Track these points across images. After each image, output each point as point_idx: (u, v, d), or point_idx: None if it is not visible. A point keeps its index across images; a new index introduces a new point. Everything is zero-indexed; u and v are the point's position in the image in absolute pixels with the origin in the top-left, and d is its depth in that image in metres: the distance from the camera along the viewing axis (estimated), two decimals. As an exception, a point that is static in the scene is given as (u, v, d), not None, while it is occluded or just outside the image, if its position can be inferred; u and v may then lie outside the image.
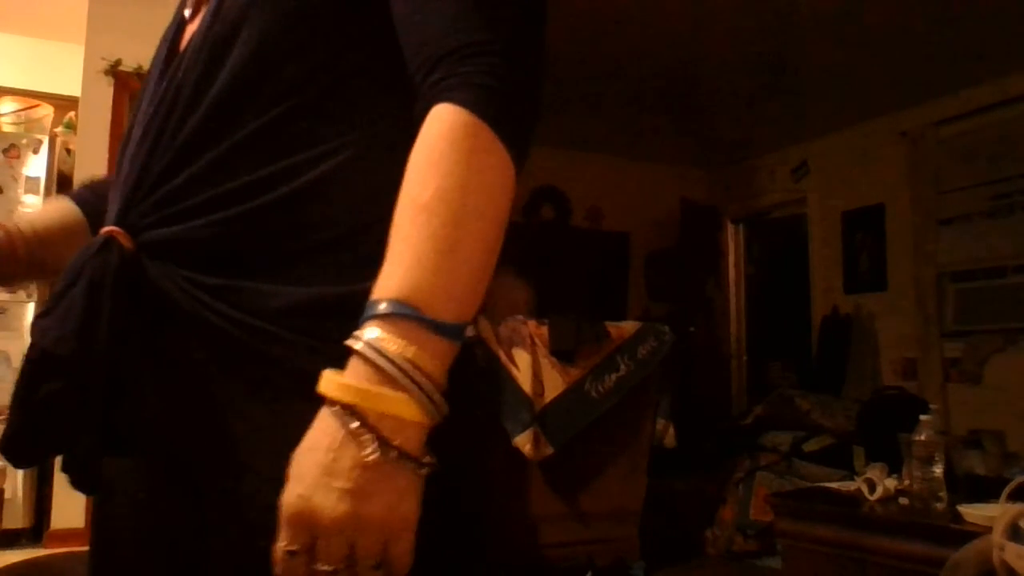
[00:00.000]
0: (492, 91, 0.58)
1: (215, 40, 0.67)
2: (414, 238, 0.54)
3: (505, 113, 0.59)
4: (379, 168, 0.63)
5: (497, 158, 0.58)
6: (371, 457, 0.49)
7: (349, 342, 0.53)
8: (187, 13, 0.76)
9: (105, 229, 0.67)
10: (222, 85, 0.65)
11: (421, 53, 0.62)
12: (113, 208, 0.70)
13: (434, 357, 0.52)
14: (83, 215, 0.87)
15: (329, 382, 0.52)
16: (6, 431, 0.64)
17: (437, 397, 0.52)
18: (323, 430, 0.51)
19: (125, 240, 0.65)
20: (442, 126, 0.57)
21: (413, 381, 0.51)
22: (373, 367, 0.51)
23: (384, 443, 0.49)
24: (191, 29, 0.73)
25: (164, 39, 0.78)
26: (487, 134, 0.57)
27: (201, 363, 0.62)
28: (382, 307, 0.53)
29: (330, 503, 0.49)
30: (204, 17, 0.70)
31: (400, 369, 0.50)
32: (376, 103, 0.67)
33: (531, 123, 0.62)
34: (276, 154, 0.65)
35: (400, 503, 0.50)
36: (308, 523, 0.50)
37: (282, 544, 0.51)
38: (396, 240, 0.55)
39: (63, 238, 0.85)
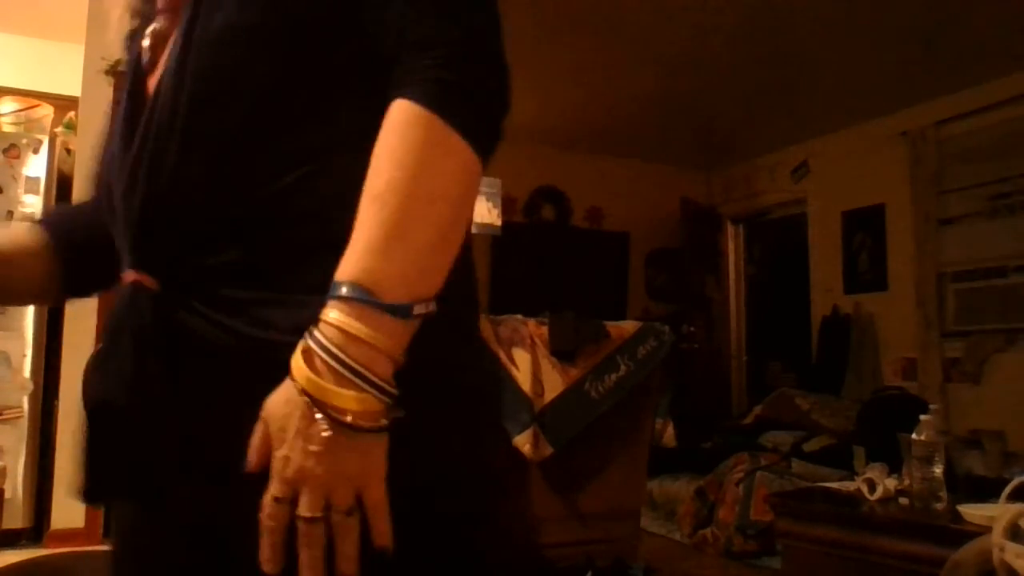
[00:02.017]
0: (444, 83, 0.62)
1: (195, 75, 0.66)
2: (368, 224, 0.60)
3: (458, 103, 0.62)
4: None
5: (448, 146, 0.62)
6: (325, 433, 0.56)
7: (314, 331, 0.58)
8: (145, 43, 0.75)
9: (129, 276, 0.69)
10: (207, 119, 0.66)
11: (384, 45, 0.65)
12: (123, 246, 0.71)
13: (390, 336, 0.58)
14: (49, 238, 0.86)
15: (296, 364, 0.58)
16: (84, 481, 0.71)
17: (386, 385, 0.58)
18: (291, 401, 0.58)
19: (149, 283, 0.67)
20: (394, 121, 0.62)
21: (361, 378, 0.57)
22: (326, 363, 0.57)
23: (336, 421, 0.56)
24: (161, 55, 0.73)
25: (128, 63, 0.78)
26: (438, 125, 0.61)
27: (225, 388, 0.64)
28: (343, 290, 0.58)
29: (308, 464, 0.57)
30: (170, 56, 0.69)
31: (350, 369, 0.57)
32: (369, 101, 0.67)
33: (493, 109, 0.65)
34: (273, 173, 0.65)
35: (364, 461, 0.57)
36: (291, 479, 0.57)
37: (271, 493, 0.58)
38: (356, 227, 0.60)
39: (22, 260, 0.84)
